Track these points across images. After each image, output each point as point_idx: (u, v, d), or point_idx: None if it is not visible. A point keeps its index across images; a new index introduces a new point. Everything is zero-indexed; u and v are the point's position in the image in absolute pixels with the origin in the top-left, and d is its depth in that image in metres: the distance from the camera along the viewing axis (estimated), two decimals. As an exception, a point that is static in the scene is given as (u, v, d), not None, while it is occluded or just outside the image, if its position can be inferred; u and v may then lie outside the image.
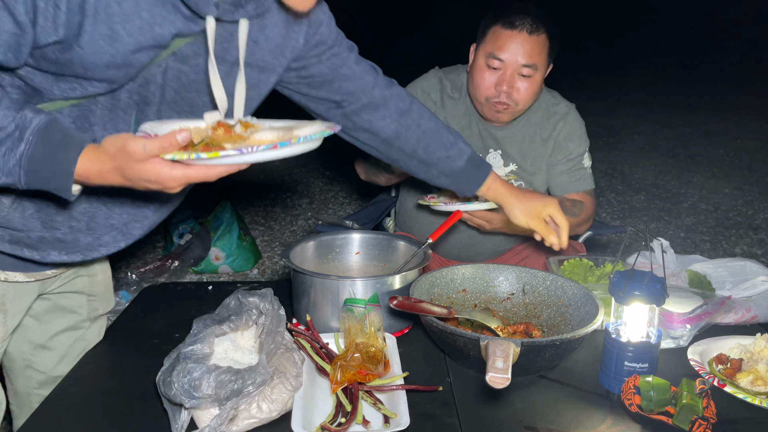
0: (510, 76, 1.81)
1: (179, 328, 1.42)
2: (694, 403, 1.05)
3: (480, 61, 1.85)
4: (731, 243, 4.10)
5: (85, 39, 0.99)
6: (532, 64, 1.81)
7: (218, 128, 1.08)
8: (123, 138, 0.95)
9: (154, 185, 0.98)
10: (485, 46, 1.84)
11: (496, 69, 1.82)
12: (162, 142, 0.94)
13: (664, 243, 1.60)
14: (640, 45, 14.11)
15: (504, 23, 1.80)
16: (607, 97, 9.20)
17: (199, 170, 0.97)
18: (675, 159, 6.06)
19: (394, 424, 1.06)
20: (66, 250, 1.21)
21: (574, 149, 2.00)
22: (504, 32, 1.80)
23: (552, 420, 1.12)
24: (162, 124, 1.08)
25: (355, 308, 1.29)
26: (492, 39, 1.82)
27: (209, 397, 1.02)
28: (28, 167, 0.95)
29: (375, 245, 1.63)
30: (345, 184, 5.20)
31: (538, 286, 1.46)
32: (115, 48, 1.02)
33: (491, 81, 1.83)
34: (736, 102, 8.81)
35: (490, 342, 1.08)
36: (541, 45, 1.81)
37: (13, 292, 1.27)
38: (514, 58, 1.80)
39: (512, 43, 1.79)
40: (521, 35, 1.79)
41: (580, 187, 2.03)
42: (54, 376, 1.42)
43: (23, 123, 0.95)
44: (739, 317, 1.49)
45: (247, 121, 1.13)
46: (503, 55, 1.80)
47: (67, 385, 1.24)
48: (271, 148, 0.96)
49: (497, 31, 1.81)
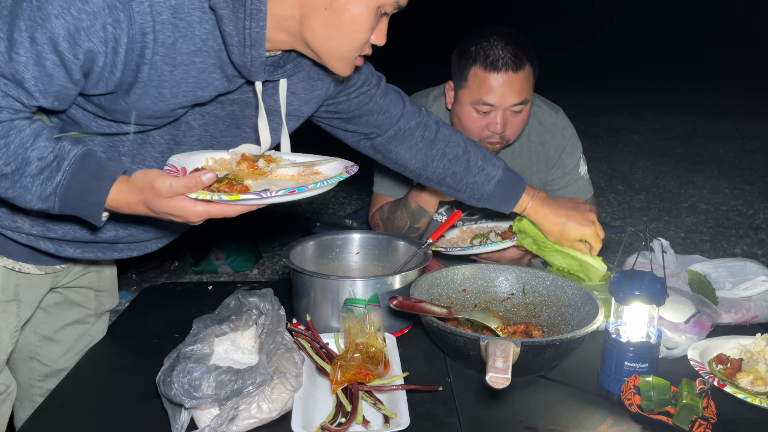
0: (502, 116, 1.74)
1: (179, 328, 1.42)
2: (694, 403, 1.05)
3: (466, 107, 1.76)
4: (731, 243, 4.10)
5: (132, 98, 1.07)
6: (523, 101, 1.73)
7: (242, 162, 1.16)
8: (152, 175, 1.01)
9: (178, 219, 1.05)
10: (469, 91, 1.74)
11: (485, 113, 1.75)
12: (188, 182, 1.00)
13: (664, 243, 1.60)
14: (641, 45, 14.11)
15: (485, 65, 1.70)
16: (607, 97, 9.21)
17: (220, 208, 1.04)
18: (675, 159, 6.06)
19: (394, 424, 1.06)
20: (82, 249, 1.29)
21: (568, 161, 1.96)
22: (488, 76, 1.70)
23: (552, 420, 1.12)
24: (189, 156, 1.15)
25: (355, 308, 1.29)
26: (476, 84, 1.72)
27: (209, 397, 1.02)
28: (63, 196, 1.02)
29: (375, 245, 1.63)
30: (345, 184, 5.20)
31: (538, 286, 1.46)
32: (159, 106, 1.10)
33: (482, 124, 1.76)
34: (736, 102, 8.81)
35: (490, 342, 1.08)
36: (526, 78, 1.73)
37: (27, 282, 1.32)
38: (504, 101, 1.72)
39: (499, 87, 1.70)
40: (506, 76, 1.69)
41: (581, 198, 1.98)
42: (57, 369, 1.47)
43: (61, 154, 1.02)
44: (739, 317, 1.49)
45: (270, 155, 1.20)
46: (492, 100, 1.71)
47: (68, 384, 1.24)
48: (288, 193, 1.05)
49: (479, 75, 1.71)
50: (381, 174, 2.01)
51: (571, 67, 12.24)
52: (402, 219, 1.86)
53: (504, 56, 1.69)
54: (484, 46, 1.71)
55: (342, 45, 1.12)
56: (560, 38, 14.94)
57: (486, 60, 1.70)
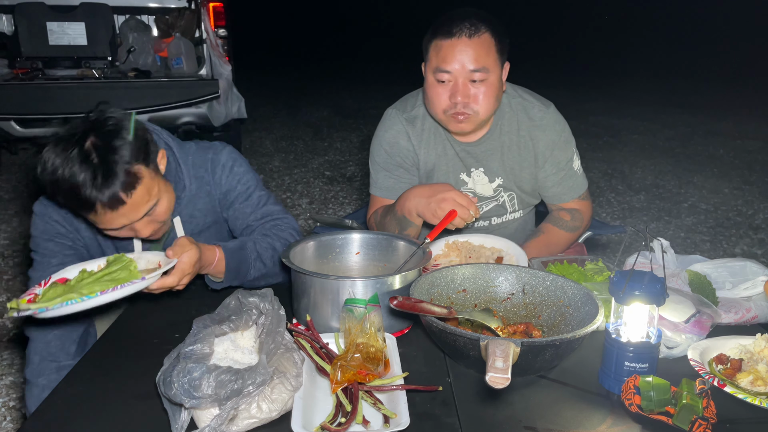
0: (462, 85, 1.75)
1: (179, 328, 1.42)
2: (694, 403, 1.05)
3: (429, 78, 1.79)
4: (731, 243, 4.10)
5: None
6: (481, 68, 1.73)
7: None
8: None
9: None
10: (431, 63, 1.77)
11: (446, 82, 1.76)
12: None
13: (664, 243, 1.60)
14: (641, 45, 14.11)
15: (442, 34, 1.73)
16: (607, 97, 9.21)
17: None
18: (675, 159, 6.06)
19: (394, 424, 1.06)
20: None
21: (561, 156, 1.94)
22: (444, 43, 1.73)
23: (552, 420, 1.12)
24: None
25: (355, 308, 1.29)
26: (435, 53, 1.76)
27: (209, 397, 1.02)
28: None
29: (375, 245, 1.63)
30: (345, 184, 5.20)
31: (538, 286, 1.46)
32: None
33: (444, 95, 1.77)
34: (736, 102, 8.82)
35: (490, 342, 1.08)
36: (485, 46, 1.73)
37: None
38: (460, 67, 1.73)
39: (455, 52, 1.72)
40: (461, 41, 1.71)
41: (574, 194, 1.98)
42: None
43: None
44: (739, 317, 1.49)
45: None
46: (449, 66, 1.73)
47: (68, 384, 1.24)
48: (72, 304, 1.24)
49: (438, 44, 1.75)
50: (377, 175, 2.01)
51: (571, 67, 12.24)
52: (391, 225, 1.86)
53: (459, 24, 1.73)
54: (443, 20, 1.76)
55: None
56: (560, 38, 14.92)
57: (443, 29, 1.74)
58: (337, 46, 15.37)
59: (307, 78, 11.31)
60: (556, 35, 15.13)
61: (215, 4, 4.78)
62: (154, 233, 1.53)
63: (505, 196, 2.00)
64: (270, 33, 16.25)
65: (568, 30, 15.34)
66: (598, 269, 1.63)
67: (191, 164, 1.67)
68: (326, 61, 13.65)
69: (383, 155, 1.98)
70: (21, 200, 4.66)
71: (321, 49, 15.02)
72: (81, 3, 4.70)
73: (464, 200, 1.66)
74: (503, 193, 1.99)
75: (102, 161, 1.36)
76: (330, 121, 7.64)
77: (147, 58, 4.82)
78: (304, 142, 6.62)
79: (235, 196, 1.71)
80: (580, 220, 1.99)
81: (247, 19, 15.67)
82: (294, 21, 18.06)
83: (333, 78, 11.06)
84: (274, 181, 5.26)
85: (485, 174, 1.96)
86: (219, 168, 1.69)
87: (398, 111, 1.98)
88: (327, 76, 11.49)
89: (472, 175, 1.97)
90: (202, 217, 1.70)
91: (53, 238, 1.57)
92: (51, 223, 1.57)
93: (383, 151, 1.98)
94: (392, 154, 1.97)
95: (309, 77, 11.41)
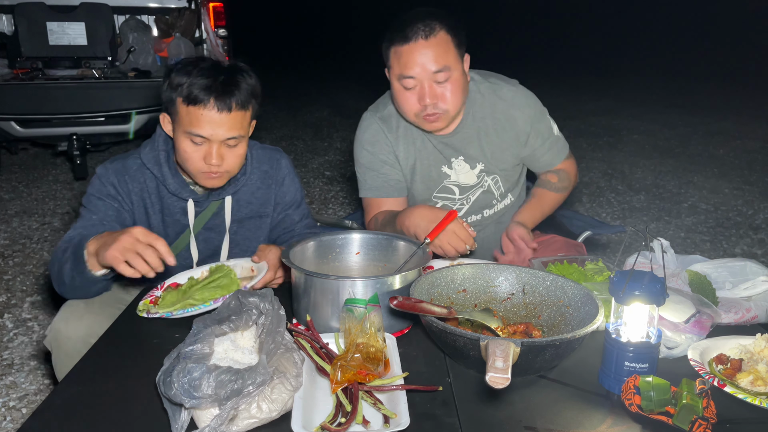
0: (429, 87, 1.77)
1: (179, 328, 1.42)
2: (694, 403, 1.05)
3: (396, 85, 1.83)
4: (731, 243, 4.10)
5: None
6: (443, 67, 1.75)
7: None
8: None
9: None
10: (393, 70, 1.80)
11: (412, 87, 1.79)
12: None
13: (664, 243, 1.60)
14: (641, 45, 14.11)
15: (399, 39, 1.76)
16: (607, 97, 9.21)
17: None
18: (675, 159, 6.06)
19: (394, 424, 1.06)
20: None
21: (542, 127, 2.00)
22: (402, 49, 1.75)
23: (552, 420, 1.12)
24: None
25: (355, 308, 1.29)
26: (396, 60, 1.78)
27: (209, 397, 1.02)
28: None
29: (375, 245, 1.63)
30: (345, 184, 5.20)
31: (538, 286, 1.46)
32: None
33: (413, 99, 1.81)
34: (736, 102, 8.82)
35: (490, 342, 1.08)
36: (443, 44, 1.76)
37: None
38: (422, 70, 1.75)
39: (414, 56, 1.74)
40: (418, 44, 1.73)
41: (561, 157, 2.06)
42: None
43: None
44: (739, 317, 1.49)
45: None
46: (412, 72, 1.76)
47: (68, 384, 1.24)
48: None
49: (397, 51, 1.77)
50: (364, 177, 2.03)
51: (571, 67, 12.24)
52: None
53: (413, 26, 1.74)
54: (397, 25, 1.78)
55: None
56: (560, 39, 14.93)
57: (399, 35, 1.76)
58: (338, 46, 15.37)
59: (307, 78, 11.30)
60: (556, 35, 15.13)
61: (215, 4, 4.78)
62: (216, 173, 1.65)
63: (489, 180, 2.03)
64: (270, 33, 16.25)
65: (568, 30, 15.35)
66: (598, 269, 1.64)
67: (256, 157, 1.84)
68: (326, 61, 13.65)
69: (366, 155, 2.01)
70: (21, 200, 4.66)
71: (321, 49, 15.02)
72: (81, 3, 4.70)
73: (463, 234, 1.66)
74: (486, 177, 2.02)
75: (231, 74, 1.61)
76: (330, 121, 7.64)
77: (147, 58, 4.82)
78: (304, 142, 6.62)
79: (290, 201, 1.89)
80: (568, 179, 2.07)
81: (247, 19, 15.67)
82: (294, 21, 18.06)
83: (333, 78, 11.05)
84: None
85: (465, 162, 1.99)
86: (284, 169, 1.88)
87: (372, 113, 2.03)
88: (327, 76, 11.48)
89: (453, 165, 1.99)
90: (257, 205, 1.84)
91: (103, 198, 1.69)
92: (107, 185, 1.70)
93: (365, 151, 2.01)
94: (374, 152, 2.00)
95: (309, 77, 11.40)
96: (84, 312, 1.59)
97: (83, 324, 1.56)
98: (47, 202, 4.62)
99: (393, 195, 2.00)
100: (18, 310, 3.06)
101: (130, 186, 1.73)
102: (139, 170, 1.74)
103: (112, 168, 1.73)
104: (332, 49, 15.05)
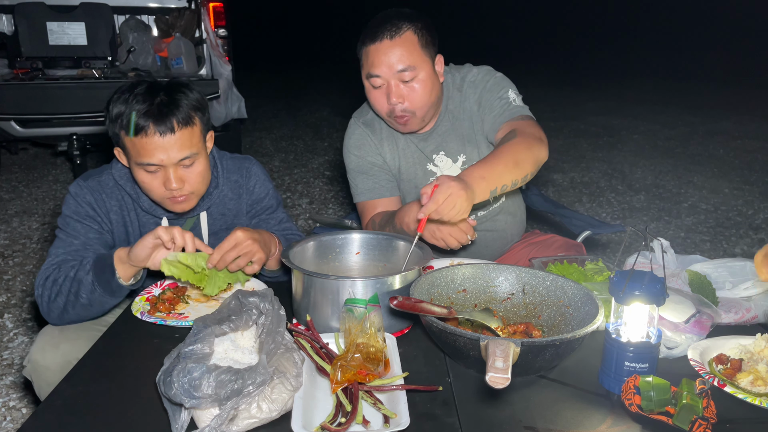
0: (395, 86, 1.79)
1: (179, 328, 1.43)
2: (694, 403, 1.05)
3: (366, 85, 1.86)
4: (731, 243, 4.10)
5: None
6: (407, 67, 1.76)
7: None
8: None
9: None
10: (364, 69, 1.83)
11: (380, 87, 1.81)
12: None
13: (664, 243, 1.60)
14: (641, 45, 14.11)
15: (369, 39, 1.78)
16: (607, 97, 9.21)
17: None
18: (675, 159, 6.06)
19: (394, 424, 1.06)
20: None
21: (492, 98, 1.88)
22: (371, 48, 1.78)
23: (552, 420, 1.12)
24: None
25: (355, 308, 1.29)
26: (365, 59, 1.81)
27: (209, 396, 1.02)
28: None
29: (375, 245, 1.63)
30: (345, 184, 5.20)
31: (538, 286, 1.46)
32: None
33: (382, 98, 1.83)
34: (736, 102, 8.81)
35: (490, 342, 1.08)
36: (408, 44, 1.76)
37: None
38: (387, 69, 1.77)
39: (380, 56, 1.76)
40: (383, 44, 1.76)
41: (507, 117, 1.85)
42: None
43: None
44: (739, 317, 1.49)
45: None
46: (378, 70, 1.78)
47: (68, 384, 1.24)
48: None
49: (367, 50, 1.80)
50: (355, 181, 2.05)
51: (571, 67, 12.24)
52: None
53: (381, 26, 1.77)
54: (370, 25, 1.81)
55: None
56: (560, 39, 14.92)
57: (369, 36, 1.79)
58: (338, 46, 15.38)
59: (307, 78, 11.30)
60: (556, 35, 15.13)
61: (215, 4, 4.77)
62: (180, 196, 1.59)
63: None
64: (270, 33, 16.25)
65: (568, 30, 15.35)
66: (598, 269, 1.64)
67: (226, 168, 1.80)
68: (326, 61, 13.64)
69: (355, 159, 2.03)
70: (21, 200, 4.66)
71: (321, 49, 15.02)
72: (81, 3, 4.70)
73: (465, 225, 1.66)
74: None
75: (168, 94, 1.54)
76: (330, 121, 7.64)
77: (147, 58, 4.82)
78: (304, 142, 6.62)
79: (263, 207, 1.85)
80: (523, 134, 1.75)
81: (247, 19, 15.67)
82: (294, 21, 18.06)
83: (333, 78, 11.05)
84: (275, 181, 5.26)
85: (447, 156, 1.99)
86: (254, 177, 1.83)
87: (356, 118, 2.07)
88: (327, 76, 11.48)
89: (436, 161, 1.99)
90: (231, 217, 1.80)
91: (82, 220, 1.63)
92: (83, 205, 1.64)
93: (353, 156, 2.03)
94: (362, 155, 2.01)
95: (309, 77, 11.40)
96: (60, 340, 1.55)
97: (59, 353, 1.53)
98: (47, 202, 4.62)
99: (386, 195, 2.01)
100: (18, 310, 3.06)
101: (108, 204, 1.67)
102: (115, 186, 1.68)
103: (86, 186, 1.65)
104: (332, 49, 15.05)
